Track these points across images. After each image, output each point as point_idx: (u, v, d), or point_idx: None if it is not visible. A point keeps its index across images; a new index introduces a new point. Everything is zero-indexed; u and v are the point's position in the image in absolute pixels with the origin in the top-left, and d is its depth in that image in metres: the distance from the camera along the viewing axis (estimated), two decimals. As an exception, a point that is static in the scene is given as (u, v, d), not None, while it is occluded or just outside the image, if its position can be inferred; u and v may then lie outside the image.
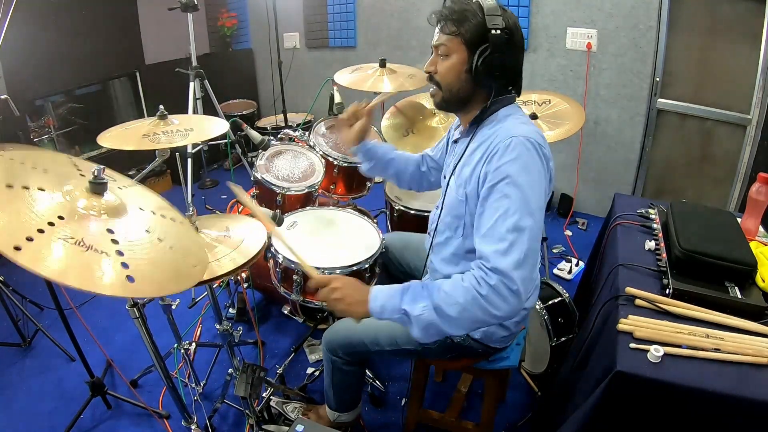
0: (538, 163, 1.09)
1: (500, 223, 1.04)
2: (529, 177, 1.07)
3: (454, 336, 1.31)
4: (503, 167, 1.07)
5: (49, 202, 0.89)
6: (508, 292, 1.00)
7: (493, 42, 1.10)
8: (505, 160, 1.07)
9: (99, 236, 0.90)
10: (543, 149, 1.12)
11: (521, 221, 1.04)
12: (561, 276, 2.68)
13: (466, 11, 1.13)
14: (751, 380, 1.00)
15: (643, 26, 2.78)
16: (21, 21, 2.44)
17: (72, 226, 0.88)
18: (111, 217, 0.97)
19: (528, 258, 1.02)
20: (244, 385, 1.46)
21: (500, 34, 1.10)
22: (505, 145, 1.08)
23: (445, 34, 1.16)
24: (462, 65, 1.16)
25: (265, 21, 3.84)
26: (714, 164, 2.81)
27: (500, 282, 1.00)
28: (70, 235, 0.85)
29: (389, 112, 2.35)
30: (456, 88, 1.19)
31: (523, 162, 1.07)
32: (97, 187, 0.97)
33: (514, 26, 1.14)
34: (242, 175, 3.74)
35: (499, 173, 1.08)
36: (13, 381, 2.02)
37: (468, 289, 1.02)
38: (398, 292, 1.11)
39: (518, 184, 1.06)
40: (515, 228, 1.03)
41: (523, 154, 1.07)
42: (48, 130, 3.17)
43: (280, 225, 1.60)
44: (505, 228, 1.04)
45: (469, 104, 1.23)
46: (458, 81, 1.18)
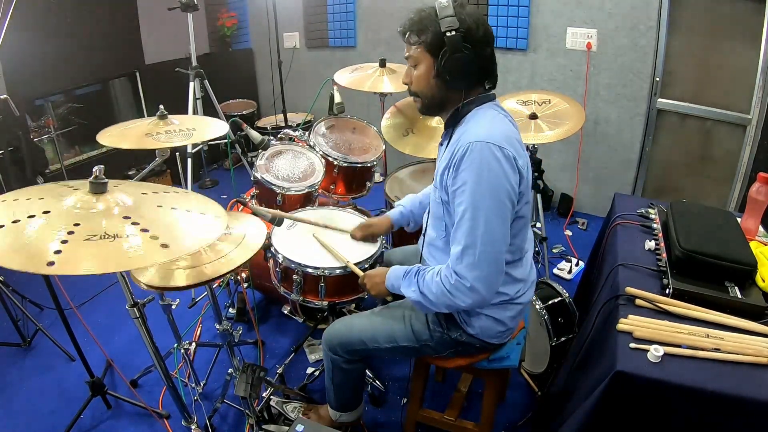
0: (495, 167, 1.12)
1: (458, 228, 1.16)
2: (483, 182, 1.12)
3: (452, 328, 1.35)
4: (460, 175, 1.14)
5: (60, 218, 0.93)
6: (465, 290, 1.16)
7: (450, 44, 1.14)
8: (463, 167, 1.14)
9: (119, 224, 0.96)
10: (504, 150, 1.13)
11: (473, 226, 1.13)
12: (561, 276, 2.68)
13: (424, 19, 1.18)
14: (751, 380, 1.01)
15: (643, 26, 2.78)
16: (21, 21, 2.45)
17: (90, 227, 0.92)
18: (122, 207, 1.00)
19: (481, 260, 1.14)
20: (244, 385, 1.46)
21: (455, 35, 1.13)
22: (464, 151, 1.14)
23: (411, 45, 1.22)
24: (429, 72, 1.21)
25: (265, 21, 3.84)
26: (714, 164, 2.81)
27: (458, 282, 1.16)
28: (93, 233, 0.90)
29: (389, 112, 2.36)
30: (429, 94, 1.25)
31: (478, 168, 1.12)
32: (98, 187, 0.98)
33: (473, 23, 1.16)
34: (242, 175, 3.75)
35: (457, 180, 1.15)
36: (13, 381, 2.02)
37: (438, 284, 1.21)
38: (401, 275, 1.33)
39: (472, 190, 1.13)
40: (468, 233, 1.14)
41: (477, 160, 1.12)
42: (48, 130, 3.17)
43: (279, 225, 1.60)
44: (461, 233, 1.15)
45: (445, 107, 1.27)
46: (429, 87, 1.23)
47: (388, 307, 1.50)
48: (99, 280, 2.50)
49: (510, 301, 1.31)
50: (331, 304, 1.70)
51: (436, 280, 1.21)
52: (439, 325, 1.36)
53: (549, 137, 2.10)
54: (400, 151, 2.22)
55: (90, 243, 0.88)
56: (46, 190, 1.05)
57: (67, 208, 0.97)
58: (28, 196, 0.99)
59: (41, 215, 0.93)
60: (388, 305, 1.51)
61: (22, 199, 0.99)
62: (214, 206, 1.16)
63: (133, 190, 1.09)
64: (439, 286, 1.20)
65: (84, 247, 0.88)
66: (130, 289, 1.27)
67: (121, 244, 0.90)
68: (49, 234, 0.88)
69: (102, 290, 2.52)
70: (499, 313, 1.31)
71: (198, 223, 1.07)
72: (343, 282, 1.68)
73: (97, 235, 0.90)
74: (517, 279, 1.31)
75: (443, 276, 1.20)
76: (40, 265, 0.82)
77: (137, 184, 1.17)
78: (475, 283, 1.14)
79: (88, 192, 1.00)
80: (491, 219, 1.13)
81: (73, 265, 0.83)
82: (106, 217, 0.97)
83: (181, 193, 1.20)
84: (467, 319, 1.32)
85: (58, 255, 0.84)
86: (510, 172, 1.14)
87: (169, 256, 0.93)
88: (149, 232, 0.95)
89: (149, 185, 1.19)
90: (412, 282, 1.28)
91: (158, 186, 1.21)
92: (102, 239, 0.90)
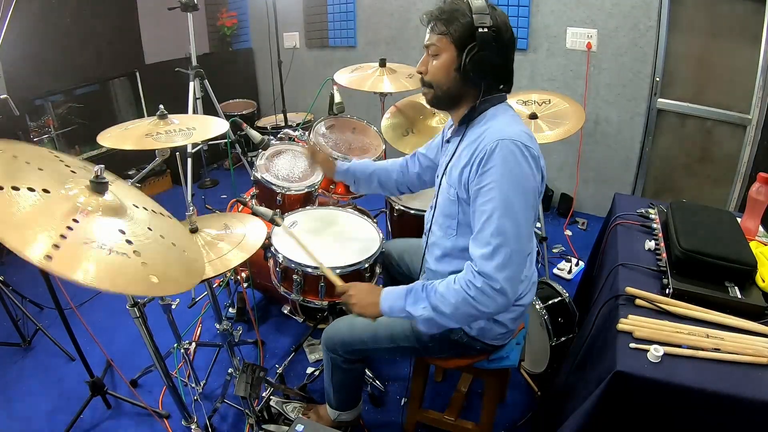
0: (524, 166, 1.11)
1: (486, 228, 1.10)
2: (513, 181, 1.10)
3: (453, 329, 1.33)
4: (489, 171, 1.11)
5: (60, 205, 0.88)
6: (493, 292, 1.08)
7: (480, 40, 1.12)
8: (491, 164, 1.11)
9: (114, 237, 0.91)
10: (530, 150, 1.13)
11: (504, 225, 1.09)
12: (561, 276, 2.68)
13: (455, 11, 1.15)
14: (751, 380, 1.00)
15: (643, 26, 2.78)
16: (21, 21, 2.44)
17: (86, 228, 0.88)
18: (117, 216, 0.97)
19: (512, 260, 1.09)
20: (244, 384, 1.46)
21: (487, 33, 1.11)
22: (491, 148, 1.11)
23: (435, 34, 1.18)
24: (451, 64, 1.18)
25: (265, 21, 3.84)
26: (714, 164, 2.81)
27: (485, 284, 1.08)
28: (91, 238, 0.85)
29: (389, 111, 2.36)
30: (446, 86, 1.21)
31: (508, 166, 1.10)
32: (99, 187, 0.97)
33: (503, 24, 1.15)
34: (242, 174, 3.74)
35: (484, 177, 1.12)
36: (13, 381, 2.02)
37: (459, 291, 1.11)
38: (402, 295, 1.21)
39: (502, 188, 1.09)
40: (499, 232, 1.09)
41: (508, 158, 1.10)
42: (48, 130, 3.17)
43: (279, 225, 1.60)
44: (489, 232, 1.10)
45: (459, 102, 1.25)
46: (448, 80, 1.20)
47: None
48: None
49: (515, 301, 1.29)
50: (331, 304, 1.70)
51: (455, 288, 1.12)
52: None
53: (549, 137, 2.10)
54: (400, 151, 2.22)
55: (88, 248, 0.83)
56: (44, 156, 0.99)
57: (67, 195, 0.92)
58: (29, 158, 0.92)
59: (40, 191, 0.86)
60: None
61: (21, 158, 0.91)
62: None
63: (132, 197, 1.08)
64: (459, 295, 1.11)
65: (82, 251, 0.82)
66: (130, 289, 1.27)
67: (115, 261, 0.85)
68: (48, 221, 0.82)
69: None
70: (503, 315, 1.30)
71: (183, 260, 1.03)
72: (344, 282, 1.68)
73: (95, 243, 0.85)
74: (522, 279, 1.30)
75: (464, 283, 1.11)
76: (41, 257, 0.76)
77: (145, 199, 1.15)
78: (505, 284, 1.08)
79: (88, 189, 0.98)
80: (521, 218, 1.10)
81: (72, 269, 0.78)
82: (102, 219, 0.92)
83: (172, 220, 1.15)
84: None
85: (57, 250, 0.78)
86: (535, 171, 1.14)
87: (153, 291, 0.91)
88: (141, 256, 0.90)
89: (153, 204, 1.15)
90: (420, 299, 1.18)
91: (157, 206, 1.16)
92: (100, 249, 0.85)
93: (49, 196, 0.87)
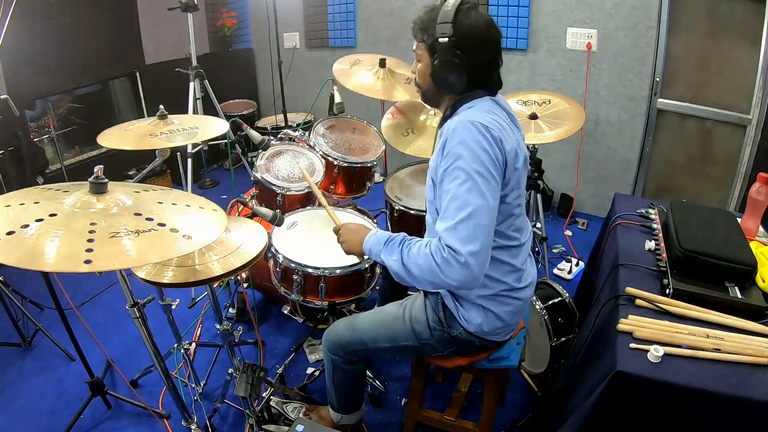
0: (482, 141, 1.13)
1: (451, 204, 1.14)
2: (472, 156, 1.13)
3: (452, 326, 1.34)
4: (450, 153, 1.15)
5: (71, 218, 0.93)
6: (457, 264, 1.11)
7: (439, 49, 1.20)
8: (451, 144, 1.15)
9: (138, 221, 0.97)
10: (490, 131, 1.14)
11: (468, 199, 1.12)
12: (561, 276, 2.68)
13: (427, 20, 1.23)
14: (751, 380, 1.00)
15: (643, 26, 2.78)
16: (21, 20, 2.45)
17: (106, 225, 0.93)
18: (125, 206, 1.01)
19: (476, 234, 1.11)
20: (244, 385, 1.46)
21: (446, 42, 1.18)
22: (452, 130, 1.16)
23: (417, 41, 1.29)
24: (427, 69, 1.27)
25: (265, 21, 3.84)
26: (714, 164, 2.81)
27: (450, 255, 1.11)
28: (116, 230, 0.92)
29: (389, 112, 2.35)
30: (426, 89, 1.32)
31: (466, 143, 1.13)
32: (99, 187, 0.98)
33: (467, 29, 1.18)
34: (242, 175, 3.74)
35: (447, 159, 1.16)
36: (13, 381, 2.02)
37: (428, 256, 1.15)
38: (382, 241, 1.27)
39: (462, 165, 1.13)
40: (462, 207, 1.12)
41: (464, 136, 1.14)
42: (48, 130, 3.17)
43: (280, 225, 1.60)
44: (454, 207, 1.13)
45: (439, 102, 1.35)
46: (426, 83, 1.30)
47: (388, 306, 1.50)
48: (99, 280, 2.50)
49: (509, 292, 1.30)
50: (331, 304, 1.70)
51: (425, 252, 1.16)
52: (440, 323, 1.36)
53: (549, 137, 2.10)
54: (400, 151, 2.22)
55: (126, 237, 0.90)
56: (32, 194, 1.04)
57: (76, 209, 0.97)
58: (18, 202, 0.98)
59: (47, 218, 0.92)
60: (386, 306, 1.50)
61: (14, 204, 0.97)
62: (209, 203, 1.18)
63: (130, 188, 1.10)
64: (427, 259, 1.15)
65: (119, 239, 0.89)
66: (130, 289, 1.27)
67: (156, 236, 0.93)
68: (76, 234, 0.88)
69: (102, 290, 2.52)
70: (498, 307, 1.30)
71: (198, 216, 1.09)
72: (343, 282, 1.68)
73: (130, 230, 0.92)
74: (517, 267, 1.30)
75: (433, 249, 1.15)
76: (78, 265, 0.82)
77: (137, 186, 1.17)
78: (469, 258, 1.10)
79: (89, 192, 1.00)
80: (484, 192, 1.12)
81: (115, 260, 0.86)
82: (119, 214, 0.98)
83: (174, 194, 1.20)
84: (467, 316, 1.32)
85: (91, 253, 0.85)
86: (496, 149, 1.16)
87: (194, 246, 0.97)
88: (165, 226, 0.97)
89: (147, 186, 1.19)
90: (395, 251, 1.23)
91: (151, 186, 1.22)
92: (137, 233, 0.92)
93: (57, 217, 0.92)
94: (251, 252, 1.41)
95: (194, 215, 1.08)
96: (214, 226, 1.06)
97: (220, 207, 1.17)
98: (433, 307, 1.37)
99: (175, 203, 1.08)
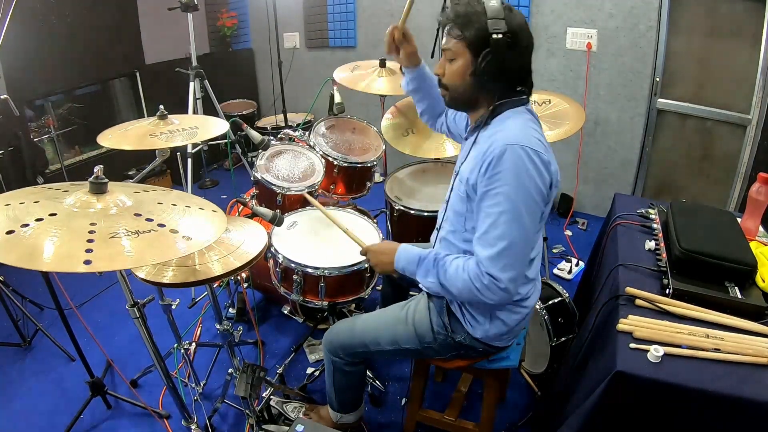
0: (532, 171, 1.11)
1: (492, 230, 1.13)
2: (520, 186, 1.11)
3: (457, 331, 1.34)
4: (497, 176, 1.11)
5: (71, 218, 0.93)
6: (497, 290, 1.14)
7: (494, 46, 1.11)
8: (499, 169, 1.11)
9: (138, 221, 0.97)
10: (540, 155, 1.12)
11: (510, 229, 1.11)
12: (561, 276, 2.68)
13: (471, 15, 1.14)
14: (751, 380, 1.00)
15: (643, 26, 2.78)
16: (21, 21, 2.45)
17: (106, 225, 0.93)
18: (124, 206, 1.01)
19: (516, 262, 1.14)
20: (244, 385, 1.46)
21: (501, 39, 1.10)
22: (500, 152, 1.11)
23: (452, 38, 1.18)
24: (467, 69, 1.18)
25: (265, 21, 3.84)
26: (714, 164, 2.81)
27: (491, 282, 1.13)
28: (115, 231, 0.92)
29: (389, 112, 2.35)
30: (461, 90, 1.22)
31: (516, 171, 1.10)
32: (98, 187, 0.98)
33: (518, 28, 1.13)
34: (242, 175, 3.74)
35: (492, 181, 1.12)
36: (13, 381, 2.02)
37: (466, 281, 1.17)
38: (414, 261, 1.29)
39: (509, 193, 1.11)
40: (504, 236, 1.12)
41: (516, 163, 1.10)
42: (48, 130, 3.17)
43: (279, 225, 1.60)
44: (495, 235, 1.13)
45: (475, 105, 1.25)
46: (463, 84, 1.20)
47: (389, 308, 1.49)
48: (99, 280, 2.50)
49: (519, 302, 1.30)
50: (331, 304, 1.70)
51: (464, 278, 1.16)
52: (444, 328, 1.35)
53: (549, 137, 2.08)
54: (400, 151, 2.22)
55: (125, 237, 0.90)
56: (32, 193, 1.03)
57: (74, 208, 0.96)
58: (19, 201, 0.98)
59: (47, 217, 0.92)
60: (388, 308, 1.50)
61: (14, 203, 0.97)
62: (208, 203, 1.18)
63: (129, 188, 1.10)
64: (466, 284, 1.16)
65: (118, 240, 0.89)
66: (130, 289, 1.27)
67: (156, 236, 0.94)
68: (73, 235, 0.88)
69: (102, 290, 2.52)
70: (507, 315, 1.30)
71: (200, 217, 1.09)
72: (343, 282, 1.68)
73: (129, 231, 0.93)
74: (530, 279, 1.31)
75: (472, 274, 1.15)
76: (77, 265, 0.82)
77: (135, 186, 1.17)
78: (509, 284, 1.13)
79: (89, 192, 1.00)
80: (527, 222, 1.12)
81: (114, 260, 0.86)
82: (118, 215, 0.98)
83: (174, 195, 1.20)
84: (474, 323, 1.31)
85: (91, 254, 0.84)
86: (545, 176, 1.13)
87: (192, 247, 0.97)
88: (165, 227, 0.97)
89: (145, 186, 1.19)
90: (430, 272, 1.24)
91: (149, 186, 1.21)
92: (137, 234, 0.92)
93: (57, 217, 0.92)
94: (251, 252, 1.41)
95: (194, 216, 1.08)
96: (213, 227, 1.06)
97: (220, 207, 1.17)
98: (438, 311, 1.36)
99: (175, 204, 1.08)
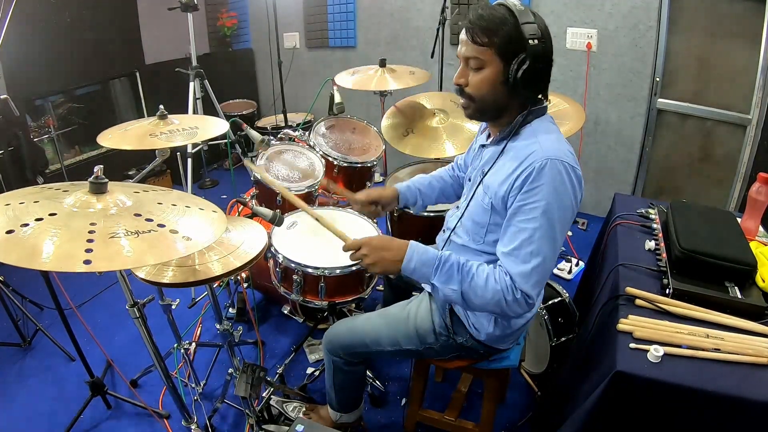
0: (569, 189, 1.09)
1: (525, 246, 1.09)
2: (557, 203, 1.08)
3: (459, 333, 1.33)
4: (535, 190, 1.07)
5: (71, 218, 0.93)
6: (526, 304, 1.12)
7: (531, 52, 1.05)
8: (539, 183, 1.06)
9: (138, 221, 0.97)
10: (576, 171, 1.10)
11: (544, 246, 1.08)
12: (561, 276, 2.68)
13: (498, 19, 1.07)
14: (751, 380, 1.00)
15: (643, 26, 2.78)
16: (21, 21, 2.44)
17: (105, 225, 0.92)
18: (124, 206, 1.00)
19: (544, 278, 1.12)
20: (244, 384, 1.46)
21: (538, 44, 1.05)
22: (540, 167, 1.06)
23: (477, 45, 1.09)
24: (497, 77, 1.10)
25: (265, 21, 3.84)
26: (714, 164, 2.81)
27: (522, 298, 1.10)
28: (115, 231, 0.91)
29: (389, 112, 2.36)
30: (491, 100, 1.14)
31: (555, 187, 1.07)
32: (98, 187, 0.98)
33: (546, 31, 1.09)
34: (242, 175, 3.75)
35: (530, 195, 1.08)
36: (13, 381, 2.02)
37: (497, 292, 1.10)
38: (431, 264, 1.15)
39: (546, 210, 1.07)
40: (538, 253, 1.08)
41: (556, 179, 1.07)
42: (48, 130, 3.17)
43: (279, 225, 1.60)
44: (529, 251, 1.08)
45: (502, 114, 1.19)
46: (493, 93, 1.13)
47: (391, 308, 1.49)
48: (99, 279, 2.50)
49: None
50: (331, 304, 1.70)
51: (496, 288, 1.10)
52: (446, 329, 1.35)
53: (549, 137, 2.09)
54: (400, 151, 2.22)
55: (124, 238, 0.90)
56: (32, 193, 1.03)
57: (73, 208, 0.96)
58: (18, 201, 0.97)
59: (47, 217, 0.91)
60: (389, 308, 1.50)
61: (14, 203, 0.96)
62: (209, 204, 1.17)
63: (129, 188, 1.09)
64: (496, 295, 1.10)
65: (117, 240, 0.89)
66: (130, 289, 1.27)
67: (155, 237, 0.93)
68: (73, 235, 0.88)
69: (102, 290, 2.52)
70: (514, 320, 1.30)
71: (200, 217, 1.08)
72: (343, 282, 1.68)
73: (129, 231, 0.92)
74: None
75: (504, 287, 1.09)
76: (76, 265, 0.82)
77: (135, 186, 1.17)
78: (537, 299, 1.15)
79: (89, 192, 1.00)
80: (558, 238, 1.11)
81: (113, 260, 0.85)
82: (117, 216, 0.97)
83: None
84: (478, 326, 1.30)
85: (90, 253, 0.84)
86: (578, 192, 1.12)
87: (191, 248, 0.96)
88: (165, 227, 0.96)
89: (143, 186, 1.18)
90: (453, 278, 1.13)
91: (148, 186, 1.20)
92: (136, 234, 0.92)
93: (57, 217, 0.92)
94: (251, 252, 1.41)
95: (194, 216, 1.08)
96: (213, 228, 1.05)
97: (220, 207, 1.17)
98: (440, 313, 1.36)
99: (175, 204, 1.08)
